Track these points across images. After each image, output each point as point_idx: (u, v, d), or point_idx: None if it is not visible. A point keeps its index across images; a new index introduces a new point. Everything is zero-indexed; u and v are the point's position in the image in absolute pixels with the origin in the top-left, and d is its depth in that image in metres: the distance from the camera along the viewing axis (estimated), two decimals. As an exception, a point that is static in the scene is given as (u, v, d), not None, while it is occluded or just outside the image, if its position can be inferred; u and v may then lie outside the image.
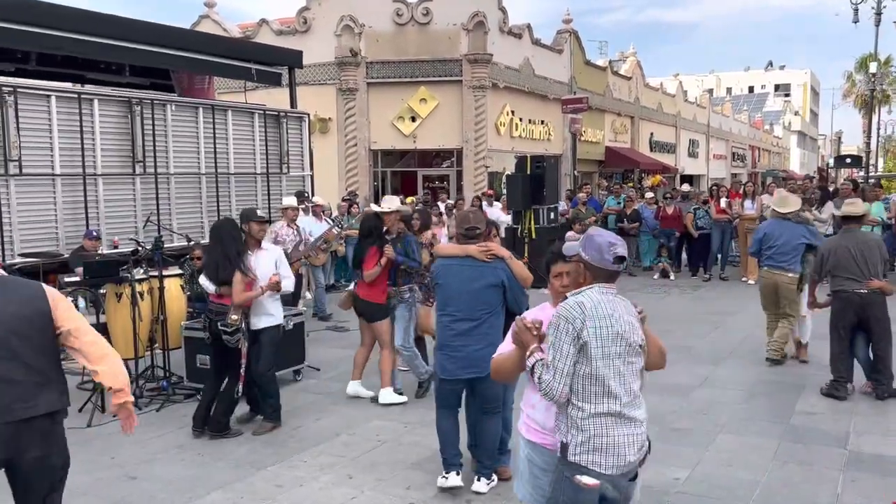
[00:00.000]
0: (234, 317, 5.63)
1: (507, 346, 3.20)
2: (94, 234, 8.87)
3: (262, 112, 11.94)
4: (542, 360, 2.90)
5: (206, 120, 10.83)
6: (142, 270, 7.37)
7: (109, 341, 7.43)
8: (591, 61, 27.02)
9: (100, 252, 8.73)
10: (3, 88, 8.29)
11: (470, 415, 4.84)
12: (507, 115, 20.94)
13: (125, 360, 7.23)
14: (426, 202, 15.98)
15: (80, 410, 6.30)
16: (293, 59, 13.32)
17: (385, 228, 6.63)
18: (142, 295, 6.92)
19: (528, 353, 2.94)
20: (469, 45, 19.31)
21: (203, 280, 6.08)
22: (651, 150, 32.43)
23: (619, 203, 15.52)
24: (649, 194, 16.03)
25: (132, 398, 3.45)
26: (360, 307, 6.64)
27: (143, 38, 10.37)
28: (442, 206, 15.00)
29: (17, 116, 8.36)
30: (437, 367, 4.68)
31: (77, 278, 7.58)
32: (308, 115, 13.16)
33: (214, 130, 10.95)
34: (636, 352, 2.93)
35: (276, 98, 14.59)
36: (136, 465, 5.29)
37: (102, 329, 6.81)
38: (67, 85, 9.62)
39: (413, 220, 7.31)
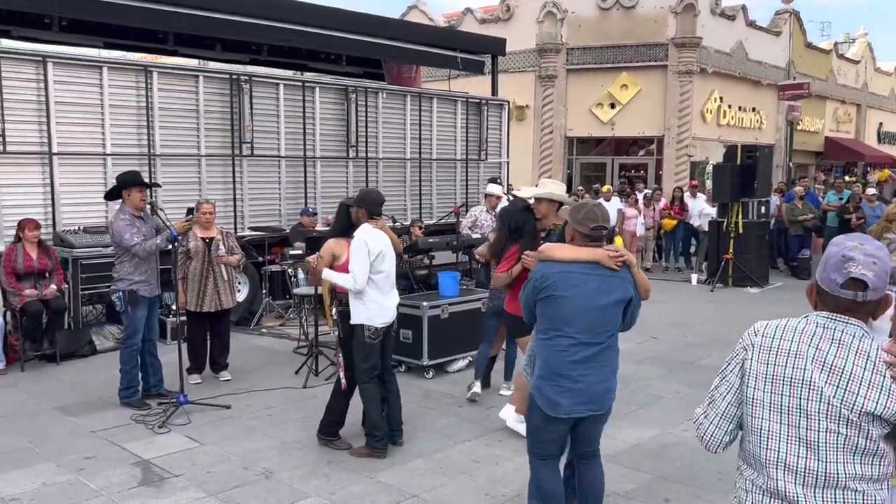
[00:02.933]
0: None
1: None
2: (312, 210, 9.60)
3: (464, 99, 12.24)
4: None
5: (412, 107, 11.32)
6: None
7: (325, 312, 8.02)
8: (812, 44, 24.84)
9: (316, 228, 9.43)
10: (241, 77, 9.19)
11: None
12: (715, 101, 19.84)
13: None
14: (622, 192, 15.60)
15: (296, 373, 6.89)
16: (496, 47, 13.51)
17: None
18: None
19: None
20: (677, 29, 18.49)
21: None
22: (879, 142, 29.32)
23: (840, 199, 14.14)
24: (871, 190, 14.33)
25: None
26: (505, 320, 5.78)
27: (359, 29, 11.01)
28: (640, 196, 14.54)
29: (251, 103, 9.23)
30: (541, 404, 3.68)
31: (299, 252, 8.23)
32: (508, 102, 13.30)
33: (420, 117, 11.40)
34: (845, 419, 1.94)
35: (473, 85, 14.88)
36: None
37: (318, 300, 7.36)
38: (292, 73, 10.47)
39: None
